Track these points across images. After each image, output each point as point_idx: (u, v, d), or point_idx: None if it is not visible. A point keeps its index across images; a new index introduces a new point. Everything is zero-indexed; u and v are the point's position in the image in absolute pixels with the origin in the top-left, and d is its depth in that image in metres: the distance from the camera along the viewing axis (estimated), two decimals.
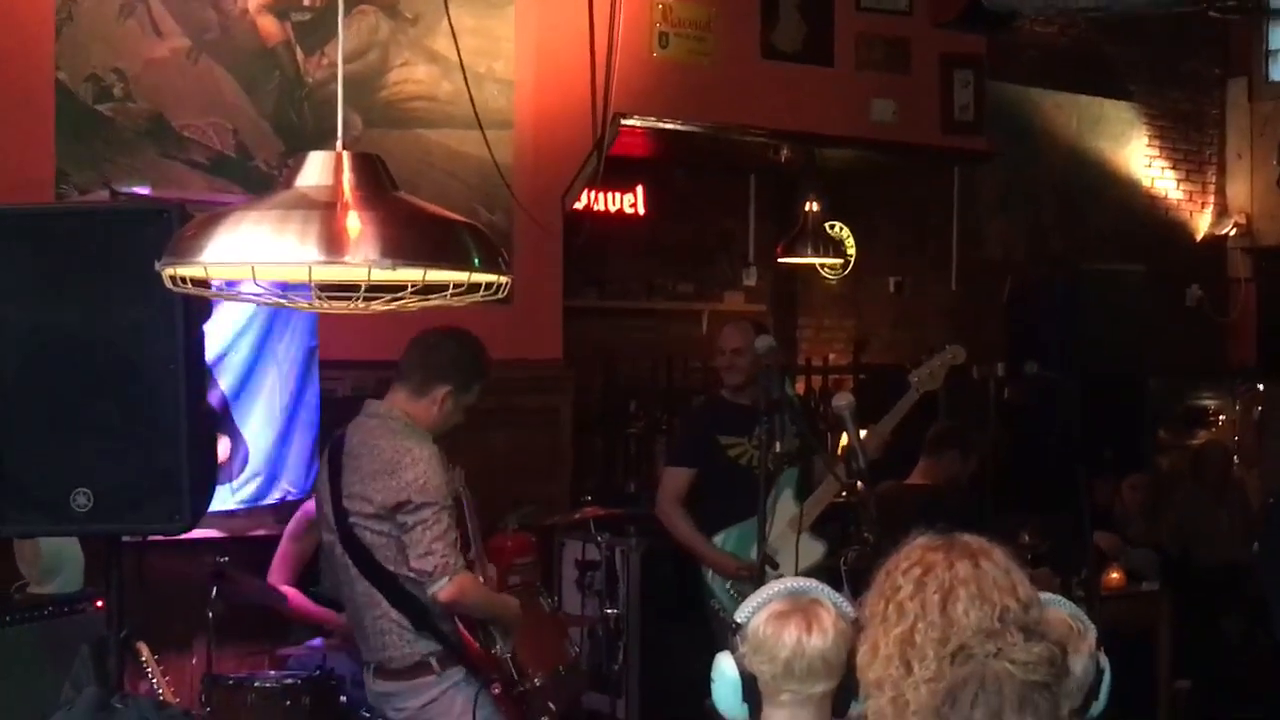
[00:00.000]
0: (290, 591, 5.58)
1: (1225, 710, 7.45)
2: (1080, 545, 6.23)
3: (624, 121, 7.23)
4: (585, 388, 8.08)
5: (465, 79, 6.39)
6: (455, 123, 6.70)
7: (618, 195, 8.75)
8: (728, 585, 5.75)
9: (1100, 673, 2.85)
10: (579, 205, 7.71)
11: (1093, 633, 2.89)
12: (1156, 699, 6.81)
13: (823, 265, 9.44)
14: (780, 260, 9.19)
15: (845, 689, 2.81)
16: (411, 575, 4.38)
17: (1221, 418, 10.23)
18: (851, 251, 9.56)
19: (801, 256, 9.03)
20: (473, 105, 6.43)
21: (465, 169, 6.77)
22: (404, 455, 4.41)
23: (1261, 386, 7.53)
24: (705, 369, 8.57)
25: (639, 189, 8.85)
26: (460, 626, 4.53)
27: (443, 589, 4.35)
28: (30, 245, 3.67)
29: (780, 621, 2.86)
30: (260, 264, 2.46)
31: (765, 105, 7.83)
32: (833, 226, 9.31)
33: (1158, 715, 6.82)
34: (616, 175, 8.05)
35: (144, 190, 5.70)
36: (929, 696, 2.29)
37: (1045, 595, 2.98)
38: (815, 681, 2.80)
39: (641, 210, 8.92)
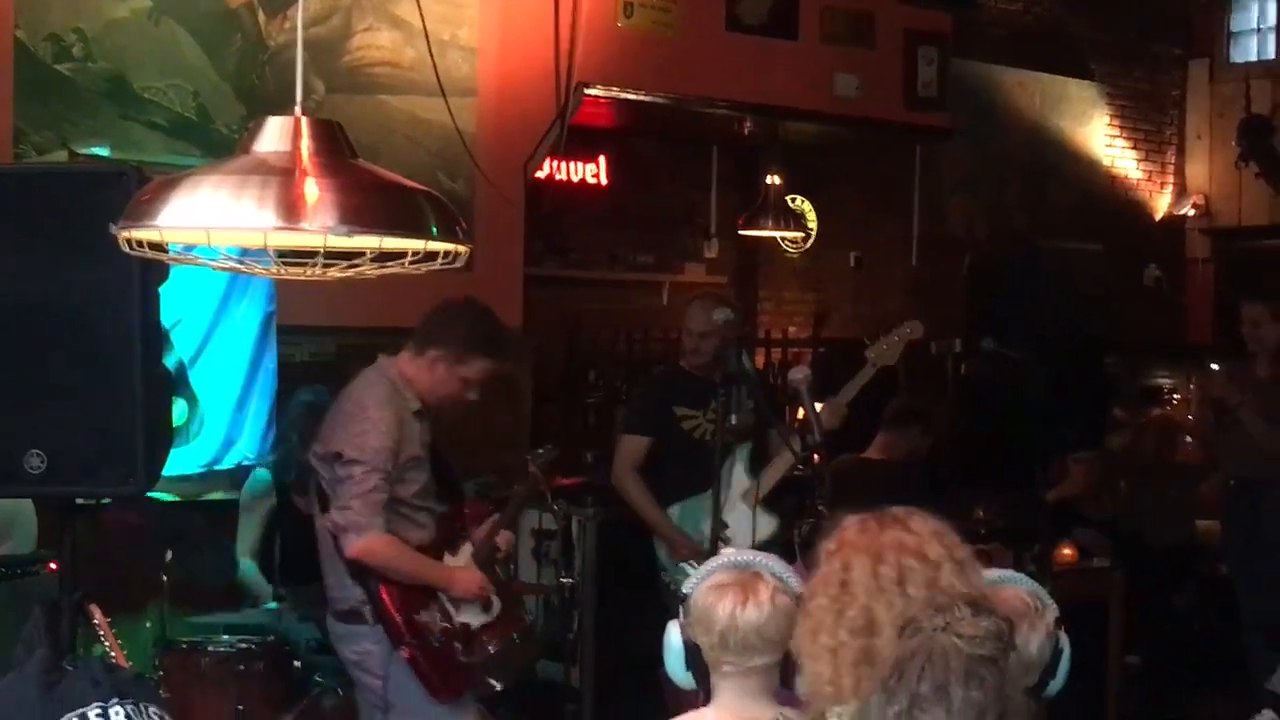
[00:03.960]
0: (243, 560, 5.58)
1: (1175, 685, 7.52)
2: (1034, 521, 6.28)
3: (587, 91, 7.21)
4: (545, 357, 8.09)
5: (429, 46, 6.37)
6: (418, 89, 6.68)
7: (580, 165, 8.74)
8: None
9: (1059, 652, 2.88)
10: (541, 174, 7.70)
11: (1052, 612, 2.91)
12: (1107, 674, 6.87)
13: (784, 239, 9.45)
14: (742, 233, 9.20)
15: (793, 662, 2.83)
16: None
17: (1177, 396, 10.31)
18: (813, 225, 9.57)
19: (763, 229, 9.04)
20: (436, 72, 6.41)
21: (427, 136, 6.75)
22: (358, 410, 4.51)
23: (1216, 366, 7.57)
24: (666, 340, 8.58)
25: (601, 159, 8.84)
26: (383, 587, 4.51)
27: (350, 545, 4.43)
28: None
29: (718, 593, 2.88)
30: (217, 229, 2.45)
31: (729, 78, 7.83)
32: (794, 200, 9.32)
33: (1108, 690, 6.88)
34: (579, 145, 8.04)
35: (103, 151, 5.67)
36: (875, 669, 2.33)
37: (1007, 573, 3.02)
38: (751, 655, 2.83)
39: (604, 180, 8.91)
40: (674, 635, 2.92)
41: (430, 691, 4.53)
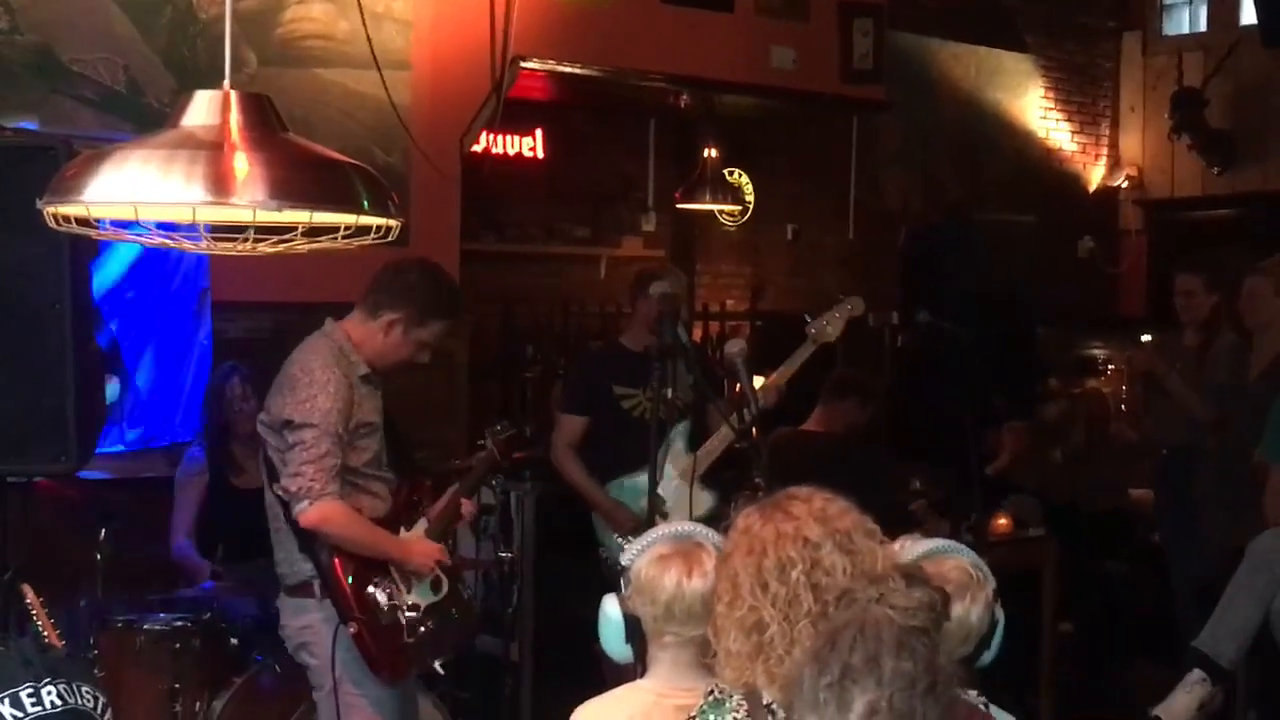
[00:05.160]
0: (180, 539, 5.54)
1: (1108, 652, 7.61)
2: (969, 491, 6.32)
3: (523, 64, 7.19)
4: (482, 331, 8.07)
5: (363, 18, 6.33)
6: (352, 62, 6.63)
7: (516, 138, 8.72)
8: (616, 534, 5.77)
9: (994, 624, 2.93)
10: (477, 148, 7.68)
11: (992, 584, 2.96)
12: (1041, 641, 6.95)
13: (721, 212, 9.47)
14: (679, 206, 9.20)
15: None
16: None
17: (1110, 367, 10.41)
18: (750, 198, 9.60)
19: (700, 203, 9.05)
20: (370, 45, 6.37)
21: (362, 109, 6.70)
22: (303, 375, 4.37)
23: (1148, 337, 7.65)
24: (603, 314, 8.59)
25: (538, 132, 8.82)
26: (336, 558, 4.41)
27: (303, 512, 4.30)
28: None
29: (662, 564, 2.90)
30: (145, 204, 2.43)
31: (665, 50, 7.83)
32: (732, 173, 9.34)
33: (1042, 657, 6.96)
34: (515, 118, 8.02)
35: (31, 125, 5.60)
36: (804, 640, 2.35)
37: (949, 543, 3.07)
38: (696, 624, 2.84)
39: (540, 154, 8.89)
40: (612, 608, 2.93)
41: (374, 670, 4.43)
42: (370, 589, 4.47)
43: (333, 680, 4.42)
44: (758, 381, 5.35)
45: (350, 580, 4.43)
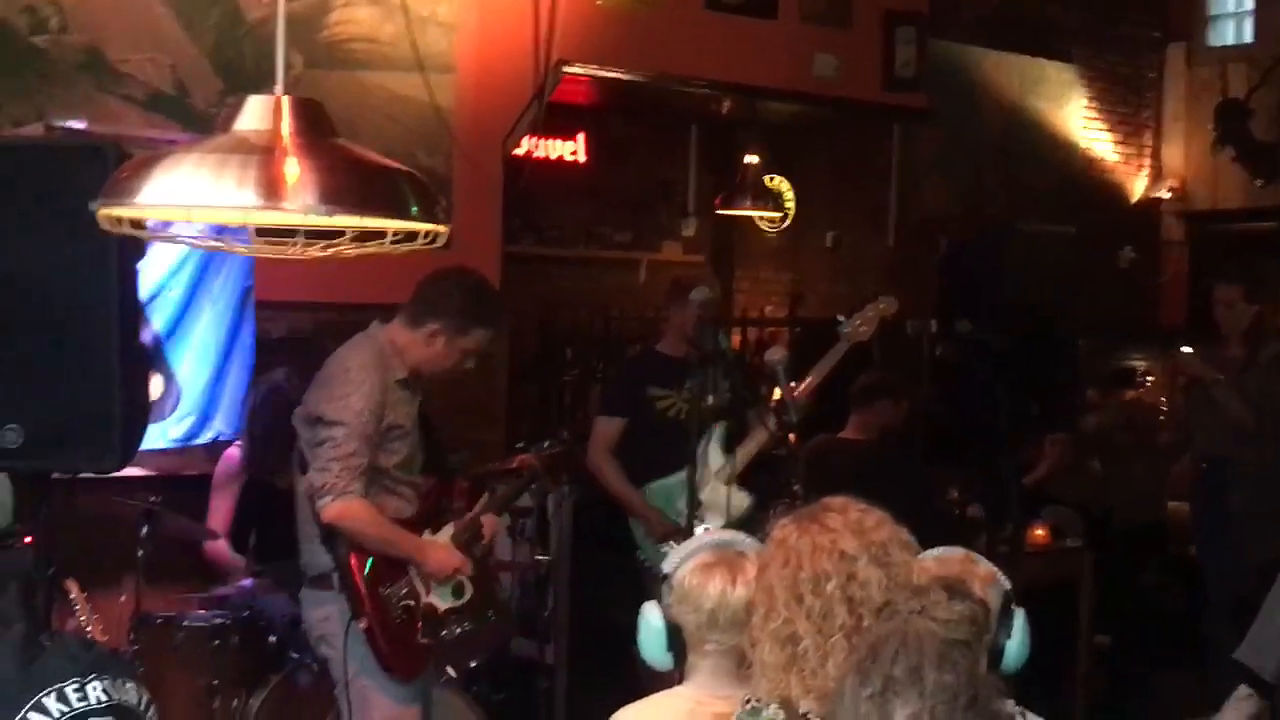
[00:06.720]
0: (217, 534, 5.57)
1: (1143, 665, 7.58)
2: (1007, 502, 6.31)
3: (566, 69, 7.21)
4: (522, 335, 8.09)
5: (408, 21, 6.37)
6: (396, 65, 6.66)
7: (558, 142, 8.75)
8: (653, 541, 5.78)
9: (1010, 609, 2.91)
10: (519, 151, 7.70)
11: (1002, 576, 2.96)
12: (1077, 653, 6.93)
13: (761, 218, 9.47)
14: (719, 212, 9.21)
15: None
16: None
17: (1150, 379, 10.35)
18: (790, 205, 9.59)
19: (740, 209, 9.06)
20: (414, 48, 6.40)
21: (405, 112, 6.73)
22: (341, 374, 4.46)
23: (1188, 349, 7.62)
24: (642, 318, 8.60)
25: (580, 136, 8.85)
26: (353, 555, 4.46)
27: (325, 507, 4.38)
28: None
29: (706, 573, 2.91)
30: (197, 207, 2.46)
31: (708, 57, 7.84)
32: (772, 179, 9.34)
33: (1077, 668, 6.94)
34: (558, 122, 8.05)
35: (80, 125, 5.65)
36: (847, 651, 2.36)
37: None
38: (738, 632, 2.84)
39: (582, 158, 8.92)
40: (653, 616, 2.93)
41: (384, 666, 4.48)
42: (385, 587, 4.52)
43: (345, 672, 4.48)
44: (796, 388, 5.34)
45: (366, 576, 4.49)
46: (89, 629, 4.59)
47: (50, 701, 2.40)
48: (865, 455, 6.33)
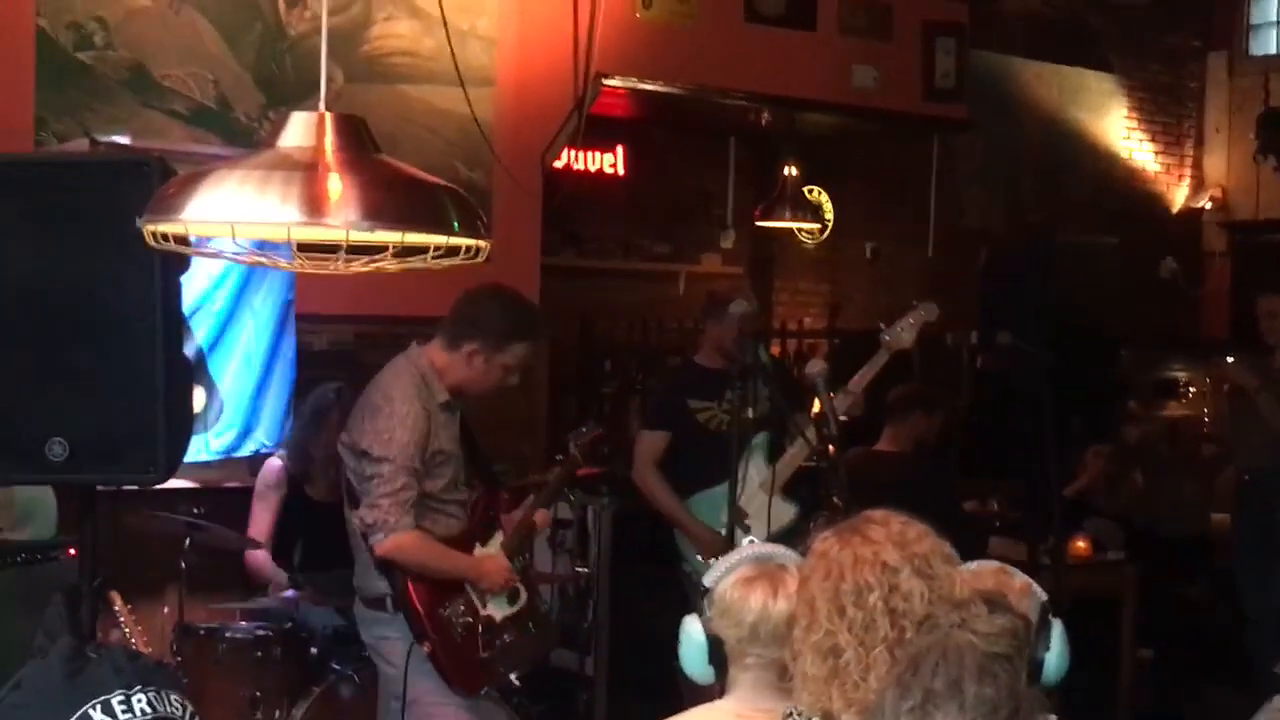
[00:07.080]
0: (259, 544, 5.60)
1: (1187, 679, 7.53)
2: (1048, 514, 6.28)
3: (606, 81, 7.22)
4: (561, 346, 8.10)
5: (448, 35, 6.39)
6: (437, 79, 6.69)
7: (598, 155, 8.76)
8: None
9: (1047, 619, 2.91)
10: (559, 164, 7.71)
11: (1037, 587, 2.95)
12: (1119, 667, 6.89)
13: (800, 229, 9.47)
14: (758, 223, 9.21)
15: None
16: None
17: (1192, 390, 10.29)
18: (829, 216, 9.59)
19: (779, 220, 9.06)
20: (455, 62, 6.43)
21: (446, 126, 6.76)
22: (384, 405, 4.47)
23: (1231, 359, 7.58)
24: (681, 330, 8.60)
25: (619, 149, 8.86)
26: (411, 583, 4.50)
27: (379, 544, 4.43)
28: (9, 194, 3.66)
29: (747, 586, 2.90)
30: (241, 223, 2.48)
31: (747, 69, 7.84)
32: (811, 191, 9.33)
33: (1120, 683, 6.89)
34: (597, 135, 8.06)
35: (123, 139, 5.69)
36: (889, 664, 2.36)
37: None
38: (779, 646, 2.84)
39: (621, 170, 8.93)
40: (694, 629, 2.92)
41: (450, 685, 4.52)
42: (445, 608, 4.55)
43: (404, 693, 4.51)
44: (837, 399, 5.33)
45: (425, 601, 4.53)
46: (133, 641, 4.62)
47: (96, 713, 2.41)
48: (900, 467, 6.31)
